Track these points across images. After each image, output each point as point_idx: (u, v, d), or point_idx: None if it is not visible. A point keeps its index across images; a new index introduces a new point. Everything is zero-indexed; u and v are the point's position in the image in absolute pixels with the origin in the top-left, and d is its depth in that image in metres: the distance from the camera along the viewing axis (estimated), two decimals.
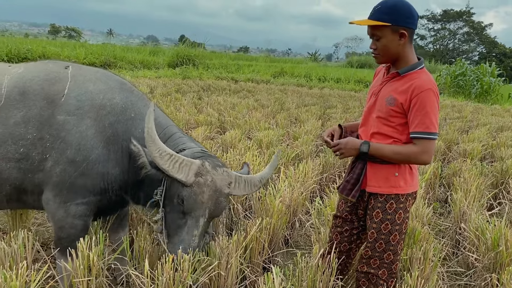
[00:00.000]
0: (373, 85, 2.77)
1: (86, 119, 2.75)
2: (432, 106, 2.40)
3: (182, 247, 2.57)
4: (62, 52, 23.74)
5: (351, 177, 2.69)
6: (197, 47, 31.05)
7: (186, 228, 2.63)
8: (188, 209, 2.62)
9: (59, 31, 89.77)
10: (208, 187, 2.62)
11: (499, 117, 14.11)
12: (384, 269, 2.64)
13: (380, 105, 2.58)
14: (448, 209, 5.45)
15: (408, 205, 2.63)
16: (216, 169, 2.71)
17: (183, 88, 15.09)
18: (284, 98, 14.49)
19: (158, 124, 2.92)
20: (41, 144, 2.70)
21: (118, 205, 3.08)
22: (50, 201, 2.75)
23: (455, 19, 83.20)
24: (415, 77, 2.48)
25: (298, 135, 7.65)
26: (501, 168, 6.12)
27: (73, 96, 2.79)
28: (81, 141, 2.72)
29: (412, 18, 2.45)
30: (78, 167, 2.72)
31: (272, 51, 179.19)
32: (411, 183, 2.62)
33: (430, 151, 2.46)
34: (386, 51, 2.49)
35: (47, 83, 2.81)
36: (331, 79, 27.90)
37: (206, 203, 2.62)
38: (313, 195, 5.22)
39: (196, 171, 2.62)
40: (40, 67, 2.96)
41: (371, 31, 2.50)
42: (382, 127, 2.57)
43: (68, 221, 2.77)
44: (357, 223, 2.84)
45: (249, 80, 22.78)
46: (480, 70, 26.27)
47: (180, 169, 2.57)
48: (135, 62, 26.42)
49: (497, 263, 3.39)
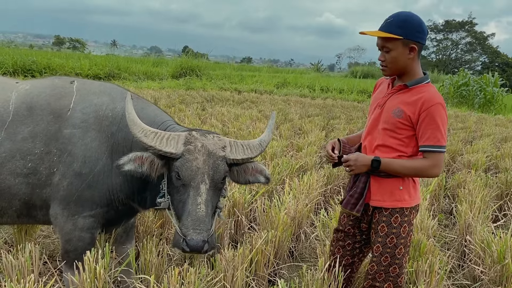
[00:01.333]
0: (376, 97, 2.77)
1: (90, 131, 2.79)
2: (442, 120, 2.43)
3: (192, 224, 2.42)
4: (66, 63, 23.88)
5: (354, 191, 2.68)
6: (200, 58, 31.22)
7: (190, 200, 2.50)
8: (186, 180, 2.51)
9: (64, 43, 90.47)
10: (200, 152, 2.54)
11: (503, 128, 14.10)
12: (390, 282, 2.63)
13: (386, 117, 2.59)
14: (453, 221, 5.44)
15: (412, 218, 2.64)
16: (205, 135, 2.64)
17: (187, 99, 15.16)
18: (288, 109, 14.54)
19: (146, 114, 2.90)
20: (48, 158, 2.73)
21: (126, 215, 3.09)
22: (58, 215, 2.77)
23: (458, 29, 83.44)
24: (423, 90, 2.50)
25: (301, 146, 7.66)
26: (506, 179, 6.11)
27: (78, 110, 2.83)
28: (86, 153, 2.74)
29: (422, 33, 2.48)
30: (84, 179, 2.74)
31: (275, 61, 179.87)
32: (415, 196, 2.63)
33: (440, 164, 2.49)
34: (394, 63, 2.52)
35: (53, 98, 2.85)
36: (334, 90, 27.95)
37: (203, 168, 2.51)
38: (318, 207, 5.22)
39: (185, 141, 2.55)
40: (47, 83, 3.02)
41: (382, 43, 2.52)
42: (388, 139, 2.58)
43: (76, 234, 2.78)
44: (360, 236, 2.83)
45: (252, 91, 22.84)
46: (483, 80, 26.30)
47: (167, 143, 2.52)
48: (138, 73, 26.56)
49: (503, 276, 3.37)
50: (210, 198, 2.54)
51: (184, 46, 62.08)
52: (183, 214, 2.51)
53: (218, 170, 2.57)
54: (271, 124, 2.97)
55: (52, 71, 21.62)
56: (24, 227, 3.55)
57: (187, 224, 2.43)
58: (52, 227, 4.07)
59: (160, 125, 2.88)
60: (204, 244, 2.39)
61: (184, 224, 2.45)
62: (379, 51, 2.59)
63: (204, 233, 2.40)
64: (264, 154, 6.61)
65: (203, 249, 2.39)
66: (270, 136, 2.90)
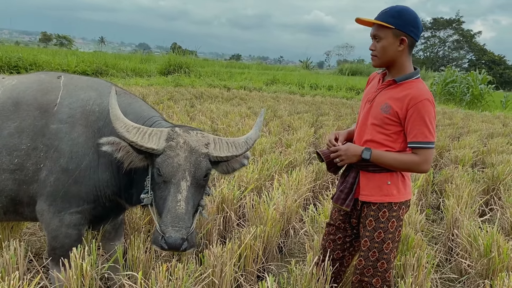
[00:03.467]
0: (367, 92, 2.78)
1: (77, 126, 2.75)
2: (430, 116, 2.44)
3: (171, 221, 2.37)
4: (53, 60, 23.61)
5: (344, 186, 2.69)
6: (189, 55, 31.07)
7: (170, 197, 2.45)
8: (167, 176, 2.47)
9: (50, 39, 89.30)
10: (182, 148, 2.50)
11: (490, 124, 14.27)
12: (378, 277, 2.64)
13: (375, 112, 2.59)
14: (440, 216, 5.49)
15: (402, 213, 2.63)
16: (188, 132, 2.60)
17: (176, 96, 15.09)
18: (277, 106, 14.54)
19: (133, 109, 2.88)
20: (35, 154, 2.69)
21: (113, 212, 3.05)
22: (44, 211, 2.73)
23: (445, 27, 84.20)
24: (411, 86, 2.50)
25: (290, 143, 7.66)
26: (492, 174, 6.17)
27: (65, 105, 2.79)
28: (73, 148, 2.71)
29: (416, 28, 2.48)
30: (71, 175, 2.70)
31: (264, 58, 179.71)
32: (404, 191, 2.63)
33: (430, 160, 2.50)
34: (383, 53, 2.51)
35: (40, 93, 2.81)
36: (323, 87, 28.03)
37: (184, 165, 2.47)
38: (307, 203, 5.22)
39: (167, 137, 2.52)
40: (33, 78, 2.97)
41: (374, 32, 2.53)
42: (376, 135, 2.58)
43: (63, 230, 2.74)
44: (350, 231, 2.84)
45: (241, 88, 22.82)
46: (470, 77, 26.58)
47: (149, 138, 2.48)
48: (126, 70, 26.36)
49: (490, 269, 3.41)
50: (191, 196, 2.49)
51: (173, 43, 61.73)
52: (163, 211, 2.46)
53: (200, 167, 2.52)
54: (259, 122, 2.92)
55: (39, 68, 21.37)
56: (9, 224, 3.49)
57: (166, 222, 2.38)
58: (38, 225, 4.02)
59: (146, 121, 2.84)
60: (182, 242, 2.34)
61: (163, 221, 2.40)
62: (369, 51, 2.60)
63: (183, 231, 2.35)
64: (254, 151, 6.60)
65: (181, 247, 2.34)
66: (257, 133, 2.85)
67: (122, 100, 2.92)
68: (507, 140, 10.16)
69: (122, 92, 3.06)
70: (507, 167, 6.37)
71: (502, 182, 6.03)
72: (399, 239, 2.69)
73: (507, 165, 6.61)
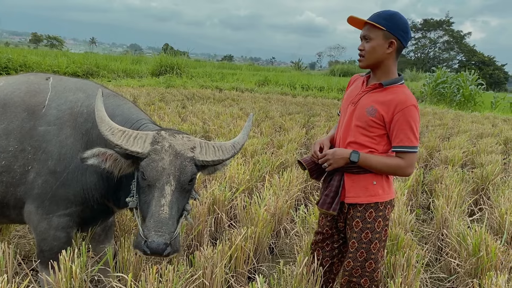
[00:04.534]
0: (350, 94, 2.79)
1: (65, 128, 2.74)
2: (415, 121, 2.47)
3: (154, 226, 2.33)
4: (43, 61, 23.47)
5: (329, 190, 2.69)
6: (181, 56, 31.01)
7: (154, 201, 2.39)
8: (151, 180, 2.42)
9: (41, 40, 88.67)
10: (167, 152, 2.45)
11: (479, 124, 14.39)
12: (366, 277, 2.65)
13: (359, 114, 2.60)
14: (430, 216, 5.53)
15: (387, 213, 2.65)
16: (174, 135, 2.56)
17: (167, 97, 15.05)
18: (269, 107, 14.55)
19: (121, 112, 2.86)
20: (23, 156, 2.67)
21: (102, 214, 3.04)
22: (32, 213, 2.71)
23: (435, 28, 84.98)
24: (397, 91, 2.52)
25: (282, 143, 7.68)
26: (481, 174, 6.23)
27: (53, 106, 2.77)
28: (61, 150, 2.69)
29: (405, 33, 2.52)
30: (59, 177, 2.69)
31: (256, 59, 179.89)
32: (388, 190, 2.65)
33: (414, 164, 2.55)
34: (372, 54, 2.53)
35: (28, 95, 2.79)
36: (315, 88, 28.12)
37: (168, 169, 2.42)
38: (298, 203, 5.24)
39: (152, 140, 2.47)
40: (21, 79, 2.95)
41: (364, 32, 2.55)
42: (360, 137, 2.60)
43: (51, 233, 2.73)
44: (338, 236, 2.84)
45: (233, 89, 22.82)
46: (461, 78, 26.82)
47: (134, 142, 2.44)
48: (118, 71, 26.28)
49: (478, 268, 3.44)
50: (176, 200, 2.44)
51: (165, 44, 61.55)
52: (147, 215, 2.42)
53: (185, 171, 2.47)
54: (248, 126, 2.89)
55: (28, 69, 21.22)
56: None
57: (149, 226, 2.34)
58: (27, 227, 3.99)
59: (134, 124, 2.81)
60: (166, 247, 2.30)
61: (146, 225, 2.36)
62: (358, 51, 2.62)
63: (166, 236, 2.31)
64: (245, 152, 6.60)
65: (164, 252, 2.30)
66: (245, 138, 2.82)
67: (110, 102, 2.91)
68: (496, 141, 10.26)
69: (111, 94, 3.04)
70: (496, 167, 6.45)
71: (491, 182, 6.09)
72: (386, 238, 2.71)
73: (495, 165, 6.69)
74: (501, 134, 11.86)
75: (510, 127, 14.10)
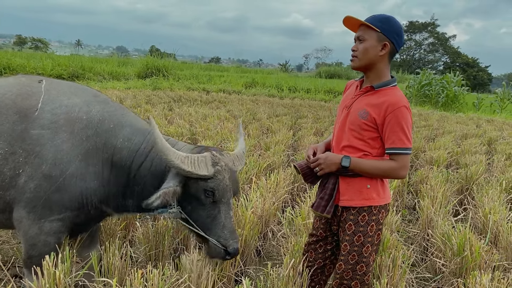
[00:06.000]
0: (345, 99, 2.81)
1: (61, 132, 2.70)
2: (407, 123, 2.48)
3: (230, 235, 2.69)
4: (28, 64, 23.14)
5: (324, 193, 2.69)
6: (167, 58, 30.87)
7: (223, 214, 2.73)
8: (219, 197, 2.71)
9: (25, 42, 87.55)
10: (226, 171, 2.75)
11: (464, 125, 14.59)
12: (357, 280, 2.67)
13: (352, 118, 2.62)
14: (416, 216, 5.58)
15: (381, 217, 2.66)
16: (221, 154, 2.85)
17: (153, 100, 14.96)
18: (256, 109, 14.56)
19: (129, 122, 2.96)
20: (13, 159, 2.62)
21: (96, 219, 3.03)
22: (23, 218, 2.66)
23: (421, 30, 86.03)
24: (388, 93, 2.54)
25: (269, 145, 7.68)
26: (466, 174, 6.31)
27: (47, 110, 2.74)
28: (57, 155, 2.66)
29: (399, 37, 2.54)
30: (54, 182, 2.65)
31: (244, 61, 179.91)
32: (383, 195, 2.66)
33: (407, 166, 2.54)
34: (364, 55, 2.55)
35: (20, 97, 2.76)
36: (302, 90, 28.20)
37: (230, 185, 2.76)
38: (285, 205, 5.24)
39: (212, 162, 2.72)
40: (13, 81, 2.91)
41: (359, 33, 2.57)
42: (354, 140, 2.61)
43: (41, 238, 2.68)
44: (331, 238, 2.86)
45: (220, 91, 22.79)
46: (445, 80, 27.17)
47: (199, 166, 2.67)
48: (103, 73, 26.05)
49: (463, 268, 3.48)
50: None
51: (151, 46, 61.20)
52: (215, 227, 2.72)
53: (237, 182, 2.91)
54: (242, 133, 3.27)
55: (13, 72, 20.93)
56: None
57: (226, 236, 2.69)
58: (11, 232, 3.93)
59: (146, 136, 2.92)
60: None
61: (221, 236, 2.70)
62: (347, 53, 2.65)
63: (238, 241, 2.75)
64: None
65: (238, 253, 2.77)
66: (244, 143, 3.20)
67: (115, 109, 2.99)
68: (480, 141, 10.41)
69: (109, 100, 3.07)
70: (480, 167, 6.53)
71: (475, 182, 6.17)
72: (378, 242, 2.72)
73: (480, 165, 6.77)
74: (485, 134, 12.04)
75: (493, 127, 14.33)
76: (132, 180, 2.85)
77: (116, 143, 2.83)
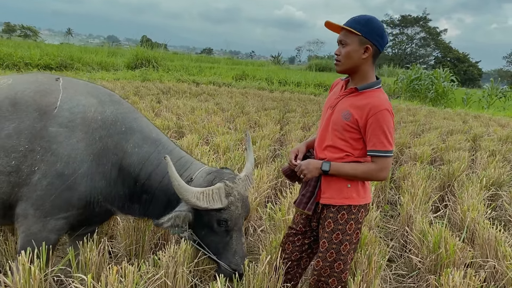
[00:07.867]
0: (330, 98, 2.83)
1: (77, 131, 2.73)
2: (389, 126, 2.51)
3: (241, 261, 2.85)
4: (15, 52, 22.79)
5: (306, 190, 2.75)
6: (158, 48, 30.62)
7: (234, 241, 2.88)
8: (231, 226, 2.84)
9: (14, 30, 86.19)
10: (239, 200, 2.86)
11: (450, 121, 14.71)
12: (334, 278, 2.71)
13: (336, 118, 2.65)
14: (397, 212, 5.64)
15: (360, 216, 2.71)
16: (234, 181, 2.90)
17: (142, 91, 14.88)
18: (245, 102, 14.54)
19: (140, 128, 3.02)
20: (31, 156, 2.64)
21: (100, 216, 3.07)
22: (29, 215, 2.68)
23: (413, 24, 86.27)
24: (372, 95, 2.56)
25: (255, 140, 7.69)
26: (448, 170, 6.38)
27: (66, 109, 2.77)
28: (71, 153, 2.69)
29: (381, 39, 2.55)
30: (65, 180, 2.67)
31: (236, 53, 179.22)
32: (364, 195, 2.70)
33: (387, 168, 2.57)
34: (348, 59, 2.56)
35: (39, 94, 2.78)
36: (292, 83, 28.17)
37: (242, 213, 2.89)
38: (268, 200, 5.28)
39: (226, 193, 2.81)
40: (30, 78, 2.95)
41: (341, 37, 2.58)
42: (337, 141, 2.64)
43: (43, 235, 2.70)
44: (310, 233, 2.91)
45: (210, 83, 22.69)
46: (435, 75, 27.33)
47: (214, 200, 2.76)
48: (92, 63, 25.78)
49: (438, 265, 3.55)
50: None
51: (143, 35, 60.63)
52: (227, 253, 2.87)
53: (248, 208, 3.01)
54: (250, 146, 3.35)
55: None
56: None
57: (237, 262, 2.86)
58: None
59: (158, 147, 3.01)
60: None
61: (232, 261, 2.86)
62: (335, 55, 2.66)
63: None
64: (217, 148, 6.61)
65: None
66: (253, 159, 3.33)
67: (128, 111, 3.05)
68: (465, 137, 10.50)
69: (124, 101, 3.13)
70: (463, 164, 6.60)
71: (457, 178, 6.24)
72: (357, 241, 2.77)
73: (462, 161, 6.85)
74: (470, 130, 12.14)
75: (479, 123, 14.44)
76: (140, 188, 2.93)
77: (126, 148, 2.90)
